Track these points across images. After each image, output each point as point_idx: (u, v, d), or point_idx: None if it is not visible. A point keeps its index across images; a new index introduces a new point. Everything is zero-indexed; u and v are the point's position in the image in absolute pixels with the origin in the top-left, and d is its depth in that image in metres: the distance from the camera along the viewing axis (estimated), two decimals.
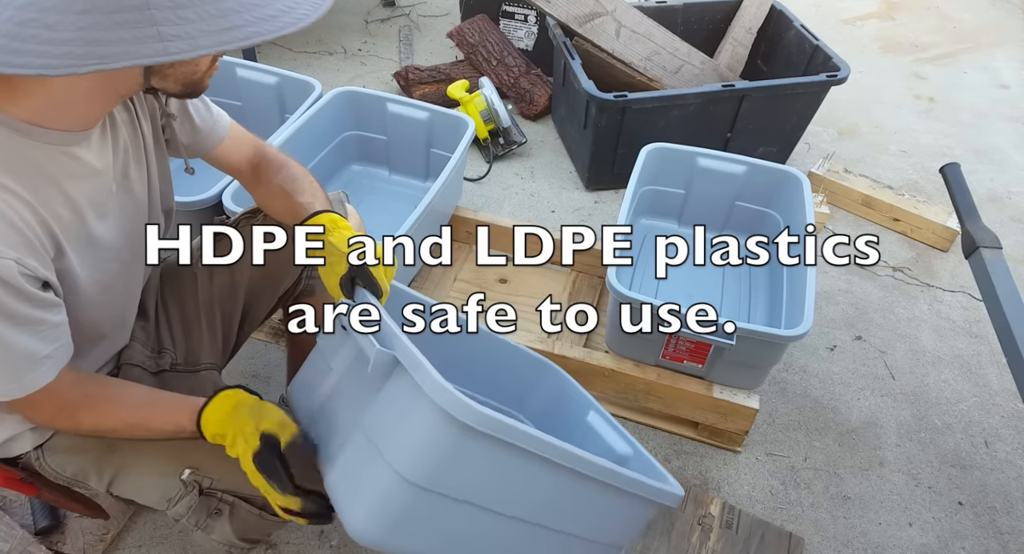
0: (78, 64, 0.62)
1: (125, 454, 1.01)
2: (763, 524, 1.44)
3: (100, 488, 1.03)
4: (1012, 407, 1.73)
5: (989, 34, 3.51)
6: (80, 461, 1.00)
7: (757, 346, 1.40)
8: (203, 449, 0.96)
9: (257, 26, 0.68)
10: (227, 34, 0.67)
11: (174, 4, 0.65)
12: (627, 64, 2.27)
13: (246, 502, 1.04)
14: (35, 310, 0.76)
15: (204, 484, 1.02)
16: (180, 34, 0.65)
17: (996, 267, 1.36)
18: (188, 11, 0.65)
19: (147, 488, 1.03)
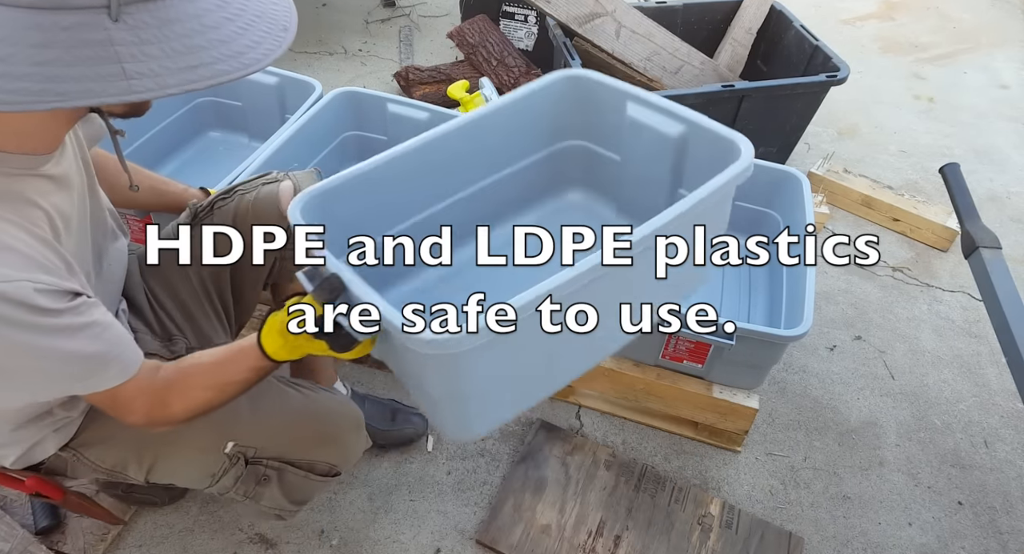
0: (34, 100, 0.60)
1: (165, 436, 1.00)
2: (763, 524, 1.44)
3: (139, 476, 1.05)
4: (1012, 407, 1.73)
5: (989, 34, 3.51)
6: (119, 450, 1.02)
7: (757, 346, 1.40)
8: (242, 421, 1.02)
9: (223, 64, 0.67)
10: (193, 72, 0.65)
11: (139, 40, 0.62)
12: (627, 64, 2.27)
13: (292, 465, 1.08)
14: (76, 317, 0.76)
15: (249, 454, 1.05)
16: (145, 71, 0.63)
17: (996, 267, 1.37)
18: (153, 48, 0.63)
19: (189, 467, 1.05)
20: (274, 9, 0.73)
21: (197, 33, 0.66)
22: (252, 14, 0.71)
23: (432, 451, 1.54)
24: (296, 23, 0.75)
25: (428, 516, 1.43)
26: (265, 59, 0.70)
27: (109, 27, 0.61)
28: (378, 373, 1.68)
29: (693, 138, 1.12)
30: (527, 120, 1.14)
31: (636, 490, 1.47)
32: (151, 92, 0.63)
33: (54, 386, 0.80)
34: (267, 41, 0.70)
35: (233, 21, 0.69)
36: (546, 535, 1.38)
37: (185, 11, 0.65)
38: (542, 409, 1.64)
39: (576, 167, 1.23)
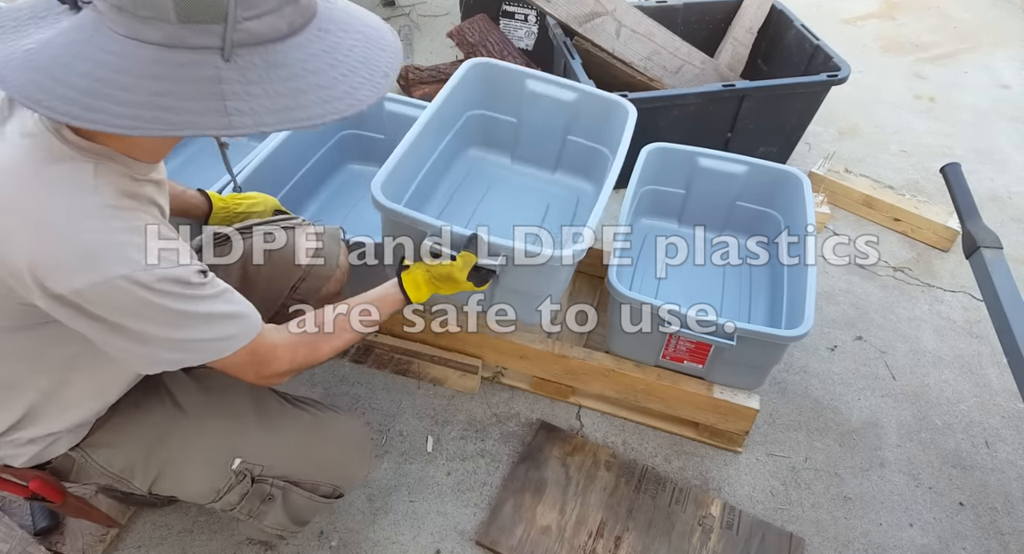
0: (146, 127, 0.66)
1: (174, 446, 1.04)
2: (764, 525, 1.44)
3: (144, 485, 1.05)
4: (1013, 407, 1.73)
5: (990, 34, 3.51)
6: (128, 456, 1.03)
7: (757, 346, 1.40)
8: (251, 437, 1.05)
9: (318, 107, 0.71)
10: (289, 114, 0.70)
11: (245, 80, 0.68)
12: (627, 64, 2.27)
13: (297, 485, 1.10)
14: (216, 288, 0.85)
15: (255, 472, 1.06)
16: (245, 110, 0.68)
17: (997, 267, 1.36)
18: (257, 88, 0.69)
19: (194, 480, 1.06)
20: (379, 55, 0.78)
21: (299, 77, 0.71)
22: (356, 60, 0.76)
23: (432, 452, 1.54)
24: (399, 69, 0.81)
25: (428, 517, 1.42)
26: (359, 105, 0.74)
27: (220, 66, 0.67)
28: (377, 373, 1.68)
29: (584, 101, 1.64)
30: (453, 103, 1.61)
31: (637, 491, 1.47)
32: (247, 129, 0.69)
33: (219, 345, 0.86)
34: (364, 87, 0.75)
35: (336, 67, 0.74)
36: (546, 536, 1.38)
37: (293, 56, 0.71)
38: (542, 410, 1.64)
39: (476, 130, 1.75)
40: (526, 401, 1.66)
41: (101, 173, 0.77)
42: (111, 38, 0.67)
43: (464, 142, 1.75)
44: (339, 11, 0.78)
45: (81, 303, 0.75)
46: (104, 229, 0.74)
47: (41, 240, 0.73)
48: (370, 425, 1.58)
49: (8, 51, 0.69)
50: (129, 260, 0.74)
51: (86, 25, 0.68)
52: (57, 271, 0.73)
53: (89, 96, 0.66)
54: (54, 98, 0.66)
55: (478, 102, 1.72)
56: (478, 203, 1.70)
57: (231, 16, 0.66)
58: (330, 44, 0.74)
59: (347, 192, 1.99)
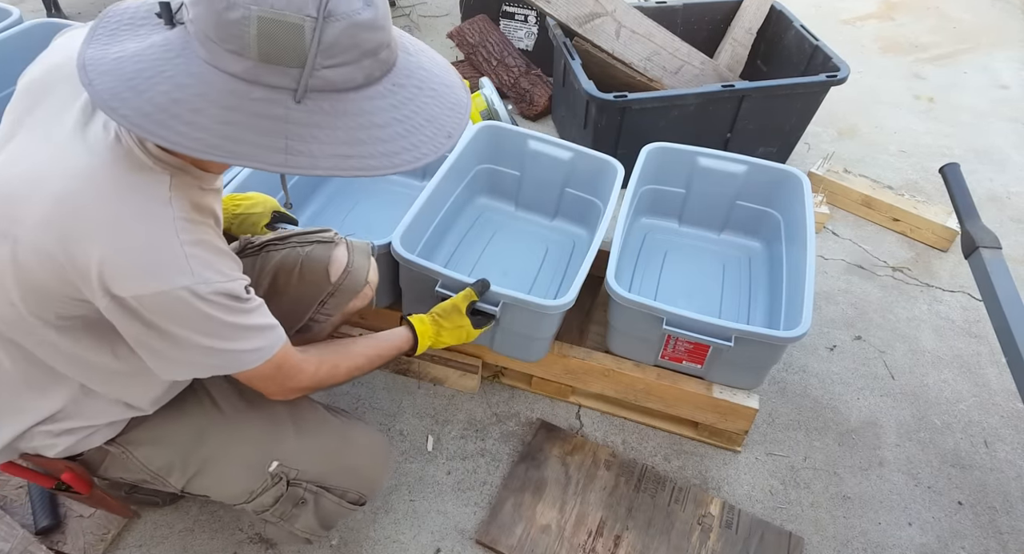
0: (207, 151, 0.68)
1: (214, 447, 1.06)
2: (763, 524, 1.44)
3: (179, 484, 1.07)
4: (1012, 407, 1.73)
5: (989, 34, 3.52)
6: (168, 454, 1.05)
7: (756, 347, 1.40)
8: (289, 442, 1.08)
9: (375, 160, 0.73)
10: (345, 161, 0.71)
11: (311, 123, 0.70)
12: (627, 64, 2.27)
13: (327, 491, 1.12)
14: (255, 302, 0.88)
15: (291, 475, 1.08)
16: (304, 151, 0.70)
17: (996, 267, 1.37)
18: (320, 132, 0.70)
19: (230, 481, 1.08)
20: (447, 116, 0.80)
21: (363, 128, 0.72)
22: (423, 118, 0.77)
23: (432, 451, 1.54)
24: (463, 130, 0.81)
25: (428, 516, 1.43)
26: (416, 162, 0.76)
27: (290, 107, 0.69)
28: (378, 373, 1.68)
29: (579, 160, 1.79)
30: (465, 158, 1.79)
31: (636, 490, 1.47)
32: (302, 170, 0.71)
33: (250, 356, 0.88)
34: (426, 145, 0.77)
35: (402, 123, 0.75)
36: (546, 535, 1.38)
37: (361, 107, 0.73)
38: (542, 409, 1.64)
39: (484, 182, 1.93)
40: (526, 401, 1.66)
41: (176, 186, 0.80)
42: (195, 62, 0.69)
43: (473, 192, 1.92)
44: (416, 66, 0.79)
45: (139, 308, 0.77)
46: (174, 241, 0.77)
47: (113, 246, 0.75)
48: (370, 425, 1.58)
49: (99, 55, 0.72)
50: (192, 273, 0.77)
51: (174, 45, 0.71)
52: (124, 277, 0.76)
53: (162, 113, 0.68)
54: (130, 109, 0.68)
55: (486, 158, 1.88)
56: (485, 245, 1.85)
57: (310, 63, 0.68)
58: (401, 99, 0.76)
59: (346, 193, 1.99)
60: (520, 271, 1.77)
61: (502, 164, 1.89)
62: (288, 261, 1.23)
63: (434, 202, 1.66)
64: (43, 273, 0.78)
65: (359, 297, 1.30)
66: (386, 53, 0.75)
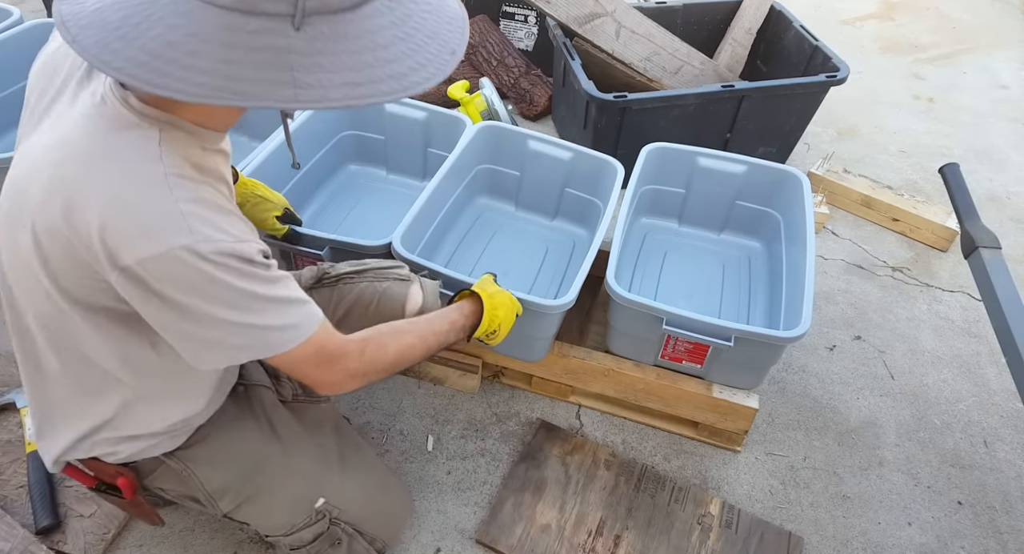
0: (212, 95, 0.64)
1: (270, 476, 1.06)
2: (763, 523, 1.45)
3: (226, 508, 1.07)
4: (1011, 407, 1.73)
5: (989, 34, 3.52)
6: (225, 477, 1.04)
7: (755, 347, 1.40)
8: (334, 478, 1.08)
9: (385, 84, 0.69)
10: (356, 89, 0.68)
11: (313, 50, 0.66)
12: (627, 65, 2.27)
13: (361, 535, 1.13)
14: (276, 271, 0.82)
15: (333, 514, 1.09)
16: (313, 83, 0.66)
17: (995, 267, 1.37)
18: (324, 59, 0.66)
19: (275, 513, 1.07)
20: (448, 30, 0.76)
21: (368, 50, 0.68)
22: (425, 34, 0.73)
23: (432, 451, 1.54)
24: (465, 47, 0.77)
25: (428, 516, 1.43)
26: (426, 83, 0.72)
27: (290, 35, 0.65)
28: None
29: (579, 160, 1.79)
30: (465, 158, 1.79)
31: (636, 490, 1.47)
32: (314, 104, 0.66)
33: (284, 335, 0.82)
34: (432, 64, 0.73)
35: (405, 41, 0.71)
36: (546, 535, 1.38)
37: (362, 27, 0.68)
38: (542, 409, 1.64)
39: (485, 182, 1.93)
40: (526, 400, 1.66)
41: (167, 141, 0.76)
42: (183, 0, 0.65)
43: (473, 192, 1.93)
44: None
45: (145, 277, 0.73)
46: (167, 198, 0.73)
47: (107, 210, 0.72)
48: (371, 424, 1.58)
49: (76, 10, 0.67)
50: (191, 231, 0.72)
51: None
52: (122, 240, 0.72)
53: (158, 59, 0.63)
54: (123, 59, 0.64)
55: (486, 158, 1.88)
56: (486, 245, 1.86)
57: None
58: (399, 16, 0.71)
59: (346, 193, 1.99)
60: (520, 271, 1.78)
61: (502, 164, 1.89)
62: (365, 295, 1.22)
63: (434, 202, 1.65)
64: (59, 253, 0.76)
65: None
66: None
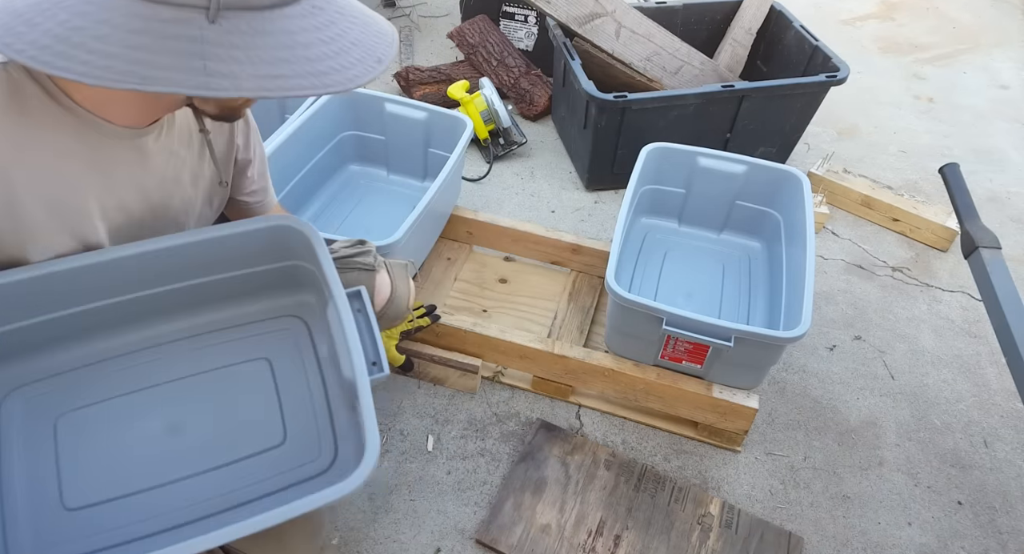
0: (117, 79, 0.63)
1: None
2: (763, 523, 1.45)
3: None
4: (1011, 407, 1.73)
5: (988, 34, 3.52)
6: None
7: (755, 347, 1.40)
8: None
9: (302, 80, 0.68)
10: (271, 81, 0.67)
11: (228, 43, 0.65)
12: (627, 65, 2.27)
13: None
14: None
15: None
16: (225, 72, 0.65)
17: (995, 267, 1.37)
18: (240, 52, 0.65)
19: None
20: (374, 41, 0.75)
21: (286, 47, 0.68)
22: (349, 41, 0.72)
23: (432, 451, 1.54)
24: (392, 57, 0.76)
25: (428, 516, 1.43)
26: (349, 84, 0.71)
27: (204, 27, 0.64)
28: None
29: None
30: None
31: (636, 490, 1.47)
32: (226, 91, 0.65)
33: None
34: (356, 68, 0.72)
35: (327, 44, 0.70)
36: (546, 535, 1.38)
37: (282, 26, 0.68)
38: (542, 409, 1.64)
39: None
40: (526, 400, 1.66)
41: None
42: None
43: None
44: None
45: None
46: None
47: None
48: None
49: None
50: None
51: None
52: None
53: (62, 43, 0.63)
54: (26, 42, 0.64)
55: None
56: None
57: None
58: (323, 21, 0.71)
59: (347, 193, 1.99)
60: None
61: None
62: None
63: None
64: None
65: (399, 323, 1.28)
66: None
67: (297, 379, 1.04)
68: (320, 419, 1.01)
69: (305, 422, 1.01)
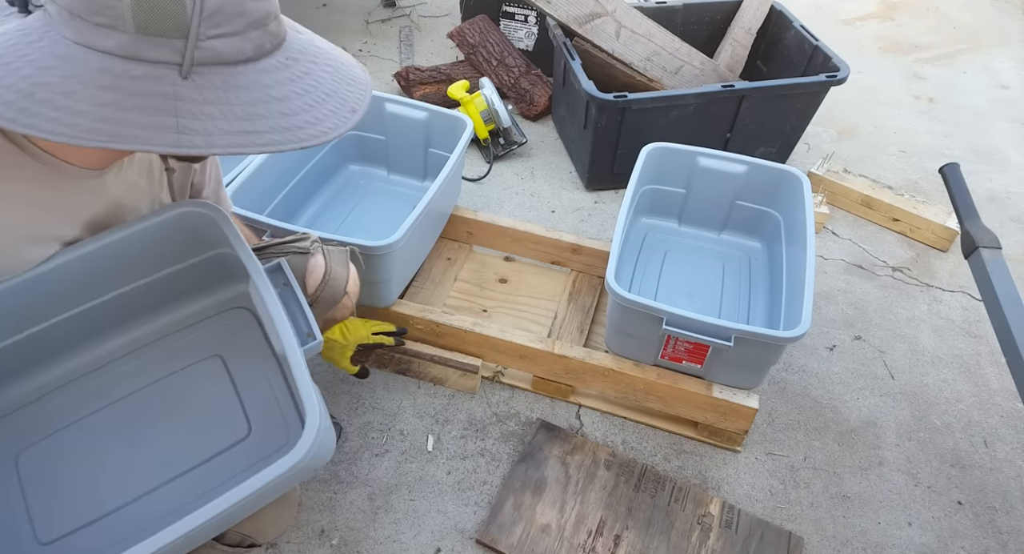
0: (84, 137, 0.61)
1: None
2: (763, 523, 1.45)
3: None
4: (1011, 407, 1.73)
5: (989, 34, 3.52)
6: None
7: (755, 347, 1.40)
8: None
9: (276, 135, 0.67)
10: (245, 137, 0.66)
11: (202, 99, 0.64)
12: (627, 64, 2.27)
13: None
14: None
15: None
16: (198, 129, 0.64)
17: (995, 267, 1.37)
18: (213, 108, 0.64)
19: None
20: (348, 90, 0.75)
21: (261, 102, 0.67)
22: (323, 92, 0.72)
23: (432, 451, 1.54)
24: (367, 106, 0.76)
25: (428, 516, 1.43)
26: (323, 137, 0.70)
27: (176, 83, 0.63)
28: (378, 372, 1.68)
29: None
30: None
31: (636, 490, 1.47)
32: (198, 149, 0.64)
33: None
34: (329, 120, 0.71)
35: (302, 96, 0.70)
36: (546, 534, 1.38)
37: (255, 80, 0.67)
38: (542, 409, 1.64)
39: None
40: (526, 400, 1.66)
41: None
42: (61, 43, 0.63)
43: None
44: (309, 43, 0.75)
45: None
46: None
47: None
48: (371, 424, 1.58)
49: None
50: None
51: (34, 28, 0.64)
52: None
53: (27, 99, 0.61)
54: None
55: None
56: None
57: (193, 32, 0.62)
58: (297, 73, 0.71)
59: (347, 193, 1.99)
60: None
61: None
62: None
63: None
64: None
65: (338, 308, 1.26)
66: (275, 25, 0.70)
67: (252, 370, 1.03)
68: (283, 404, 0.99)
69: (268, 410, 1.00)
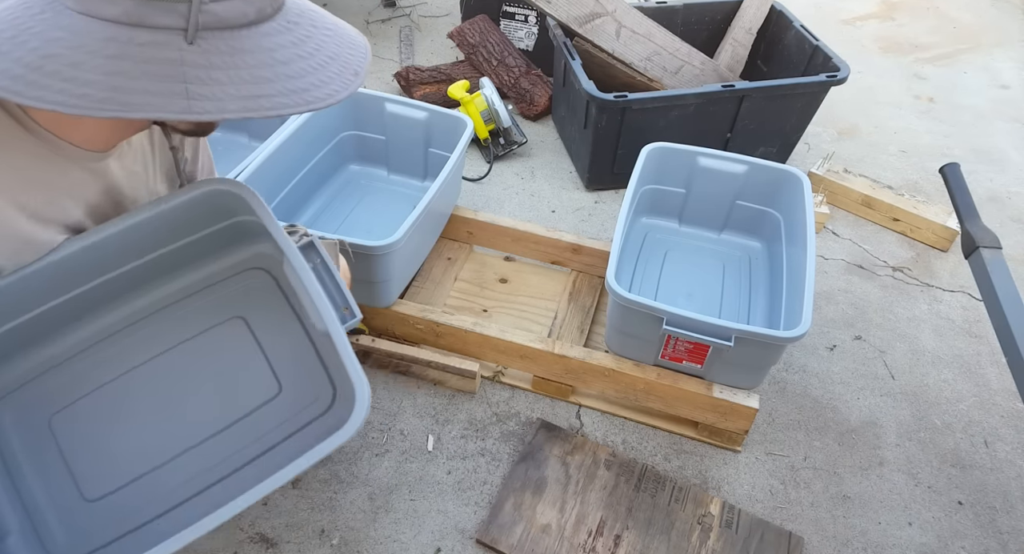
0: (96, 107, 0.61)
1: None
2: (763, 523, 1.45)
3: None
4: (1012, 407, 1.73)
5: (989, 34, 3.52)
6: None
7: (755, 347, 1.40)
8: None
9: (285, 98, 0.68)
10: (254, 101, 0.66)
11: (208, 64, 0.64)
12: (627, 64, 2.27)
13: None
14: None
15: None
16: (207, 94, 0.64)
17: (996, 267, 1.37)
18: (220, 73, 0.65)
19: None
20: (349, 53, 0.75)
21: (267, 65, 0.67)
22: (326, 55, 0.73)
23: (432, 451, 1.54)
24: (367, 69, 0.77)
25: (428, 516, 1.43)
26: (329, 99, 0.71)
27: (183, 49, 0.63)
28: (378, 373, 1.68)
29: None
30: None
31: (636, 490, 1.47)
32: (209, 114, 0.64)
33: None
34: (335, 82, 0.72)
35: (306, 59, 0.70)
36: (546, 534, 1.38)
37: (259, 44, 0.68)
38: (542, 409, 1.64)
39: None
40: (526, 400, 1.66)
41: None
42: (64, 14, 0.62)
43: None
44: (306, 7, 0.76)
45: None
46: None
47: None
48: (371, 424, 1.58)
49: None
50: None
51: (36, 0, 0.64)
52: None
53: (35, 72, 0.61)
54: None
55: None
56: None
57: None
58: (299, 37, 0.71)
59: (347, 193, 1.99)
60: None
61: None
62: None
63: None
64: None
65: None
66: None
67: (276, 329, 1.03)
68: (309, 361, 1.00)
69: (295, 368, 1.00)
